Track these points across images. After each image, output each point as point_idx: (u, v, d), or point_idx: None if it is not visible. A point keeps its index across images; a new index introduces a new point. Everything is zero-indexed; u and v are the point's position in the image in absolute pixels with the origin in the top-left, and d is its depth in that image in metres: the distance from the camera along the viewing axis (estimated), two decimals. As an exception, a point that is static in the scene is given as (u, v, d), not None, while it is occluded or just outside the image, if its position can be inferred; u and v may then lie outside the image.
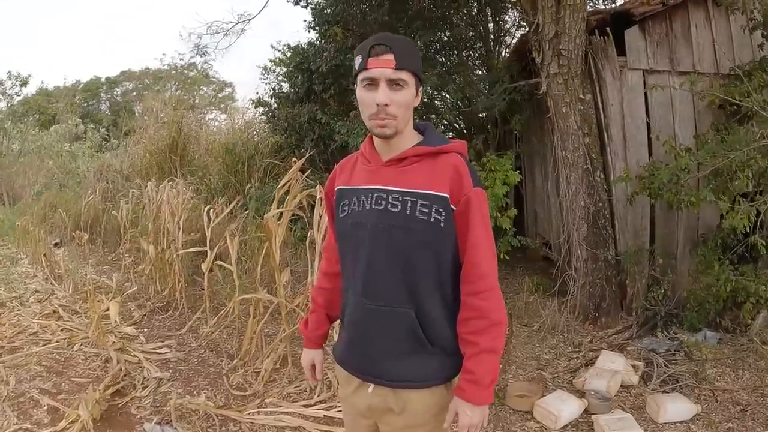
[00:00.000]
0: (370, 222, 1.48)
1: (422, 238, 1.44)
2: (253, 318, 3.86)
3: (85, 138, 15.10)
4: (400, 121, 1.46)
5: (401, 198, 1.46)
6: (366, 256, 1.50)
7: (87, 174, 11.29)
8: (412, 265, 1.46)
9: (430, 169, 1.47)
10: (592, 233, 4.62)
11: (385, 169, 1.51)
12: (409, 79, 1.45)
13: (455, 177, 1.44)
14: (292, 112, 7.72)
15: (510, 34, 8.45)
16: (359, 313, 1.54)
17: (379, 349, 1.52)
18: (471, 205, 1.44)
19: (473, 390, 1.44)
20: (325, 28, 7.55)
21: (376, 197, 1.49)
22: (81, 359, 4.22)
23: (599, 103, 4.65)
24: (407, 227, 1.44)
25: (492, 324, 1.45)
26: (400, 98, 1.43)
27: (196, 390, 3.64)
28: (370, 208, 1.49)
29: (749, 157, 3.65)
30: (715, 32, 4.77)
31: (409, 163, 1.49)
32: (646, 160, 4.64)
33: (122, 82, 28.20)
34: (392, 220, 1.45)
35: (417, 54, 1.50)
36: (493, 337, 1.46)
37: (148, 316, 5.28)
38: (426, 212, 1.43)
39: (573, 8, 4.27)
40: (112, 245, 8.37)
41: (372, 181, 1.52)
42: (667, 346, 4.01)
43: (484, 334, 1.45)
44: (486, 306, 1.45)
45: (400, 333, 1.49)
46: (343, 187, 1.60)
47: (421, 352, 1.49)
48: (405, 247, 1.45)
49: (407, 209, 1.44)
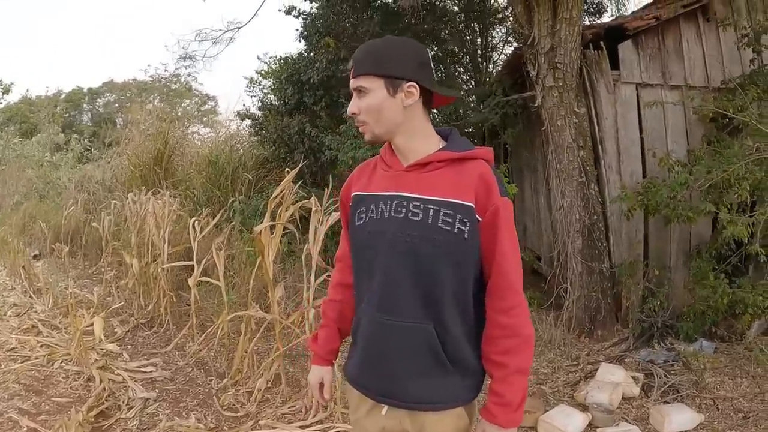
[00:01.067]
0: (390, 231, 1.40)
1: (445, 250, 1.36)
2: (245, 335, 3.74)
3: (66, 149, 14.85)
4: (374, 126, 1.43)
5: (423, 206, 1.38)
6: (384, 268, 1.42)
7: (68, 185, 11.06)
8: (432, 279, 1.38)
9: (454, 176, 1.39)
10: (587, 246, 4.60)
11: (407, 175, 1.44)
12: (369, 84, 1.40)
13: (482, 185, 1.37)
14: (281, 124, 7.63)
15: (497, 49, 8.52)
16: (375, 328, 1.45)
17: (395, 367, 1.43)
18: (499, 215, 1.37)
19: (503, 413, 1.37)
20: (315, 39, 7.51)
21: (396, 204, 1.41)
22: (62, 377, 4.05)
23: (593, 117, 4.66)
24: (429, 237, 1.36)
25: (523, 341, 1.39)
26: (363, 104, 1.42)
27: (185, 411, 3.50)
28: (389, 216, 1.41)
29: (747, 170, 3.68)
30: (706, 47, 4.83)
31: (432, 169, 1.41)
32: (640, 173, 4.67)
33: (104, 93, 28.01)
34: (413, 229, 1.38)
35: (386, 54, 1.42)
36: (523, 358, 1.39)
37: (132, 333, 5.11)
38: (450, 222, 1.35)
39: (569, 22, 4.28)
40: (93, 258, 8.17)
41: (392, 187, 1.44)
42: (665, 357, 4.01)
43: (514, 355, 1.38)
44: (516, 323, 1.38)
45: (418, 350, 1.40)
46: (360, 193, 1.52)
47: (439, 372, 1.40)
48: (426, 259, 1.37)
49: (429, 218, 1.37)
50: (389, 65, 1.40)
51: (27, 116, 21.86)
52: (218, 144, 10.09)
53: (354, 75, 1.42)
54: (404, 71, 1.40)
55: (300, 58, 7.96)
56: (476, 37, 8.04)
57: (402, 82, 1.39)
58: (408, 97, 1.40)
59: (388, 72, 1.39)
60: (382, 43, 1.46)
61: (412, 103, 1.41)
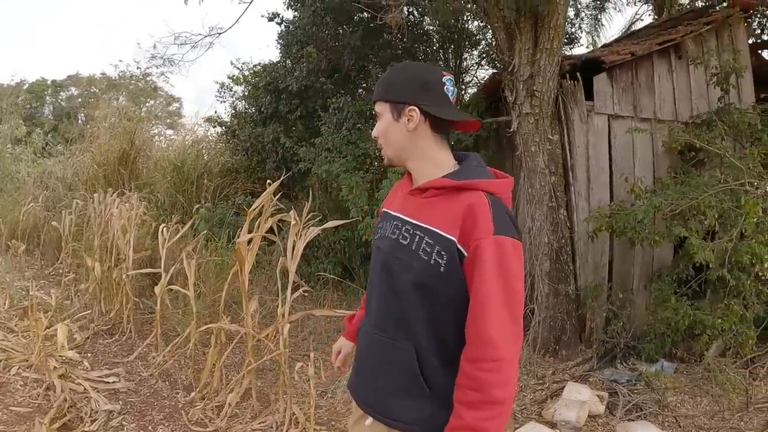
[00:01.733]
0: (384, 250, 1.46)
1: (418, 279, 1.35)
2: (215, 348, 3.68)
3: (26, 141, 14.29)
4: (386, 148, 1.49)
5: (412, 231, 1.40)
6: (378, 285, 1.48)
7: (27, 180, 10.66)
8: (406, 302, 1.39)
9: (447, 206, 1.36)
10: (554, 269, 4.71)
11: (410, 199, 1.47)
12: (381, 109, 1.48)
13: (468, 218, 1.30)
14: (254, 132, 7.56)
15: (469, 72, 8.67)
16: (366, 340, 1.52)
17: (377, 381, 1.46)
18: (481, 254, 1.27)
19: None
20: (295, 48, 7.48)
21: (394, 226, 1.46)
22: (20, 385, 3.88)
23: (566, 144, 4.79)
24: (408, 263, 1.37)
25: (487, 402, 1.24)
26: (376, 128, 1.50)
27: (151, 425, 3.42)
28: (386, 236, 1.47)
29: (716, 199, 3.90)
30: (677, 83, 5.05)
31: (430, 195, 1.41)
32: (608, 200, 4.82)
33: (69, 86, 27.15)
34: (400, 252, 1.40)
35: (392, 80, 1.48)
36: (485, 417, 1.24)
37: (92, 340, 4.94)
38: (428, 251, 1.33)
39: (549, 52, 4.41)
40: (51, 258, 7.89)
41: (398, 209, 1.50)
42: (628, 377, 4.14)
43: (472, 410, 1.25)
44: (484, 379, 1.25)
45: (398, 368, 1.41)
46: (384, 209, 1.59)
47: (419, 394, 1.39)
48: (403, 283, 1.39)
49: (414, 244, 1.38)
50: (392, 90, 1.46)
51: (-14, 104, 20.97)
52: (184, 148, 9.93)
53: (373, 101, 1.51)
54: (404, 95, 1.43)
55: (278, 66, 7.92)
56: (450, 58, 8.15)
57: (403, 106, 1.43)
58: (410, 121, 1.42)
59: (391, 97, 1.45)
60: (394, 69, 1.52)
61: (414, 127, 1.42)
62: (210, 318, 4.53)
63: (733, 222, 3.95)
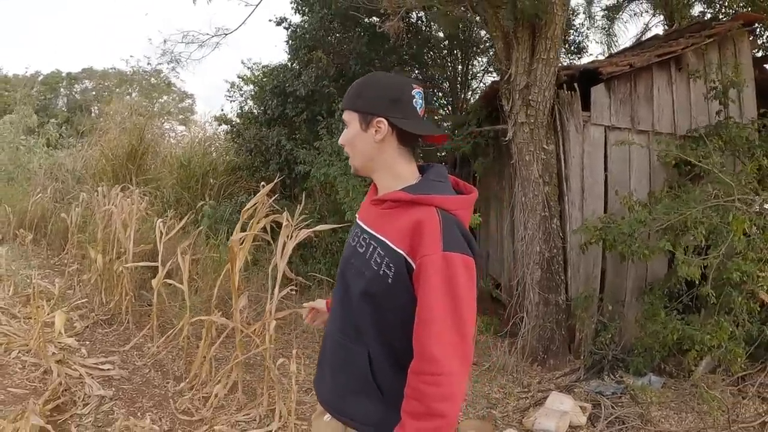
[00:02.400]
0: (345, 257, 1.52)
1: (367, 288, 1.39)
2: (205, 341, 3.77)
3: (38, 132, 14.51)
4: (353, 158, 1.51)
5: (368, 240, 1.44)
6: (338, 288, 1.54)
7: (38, 171, 10.83)
8: (357, 309, 1.44)
9: (400, 219, 1.38)
10: (545, 278, 4.75)
11: (371, 208, 1.52)
12: (348, 118, 1.49)
13: (416, 234, 1.32)
14: (259, 134, 7.67)
15: (476, 78, 8.72)
16: (329, 343, 1.57)
17: (337, 381, 1.52)
18: (426, 270, 1.29)
19: None
20: (303, 52, 7.58)
21: (355, 234, 1.52)
22: (18, 368, 4.00)
23: (561, 154, 4.83)
24: (360, 271, 1.42)
25: (428, 414, 1.27)
26: (343, 137, 1.52)
27: (140, 411, 3.51)
28: (349, 244, 1.53)
29: (704, 215, 3.90)
30: (676, 96, 5.05)
31: (387, 207, 1.44)
32: (602, 211, 4.84)
33: (83, 79, 27.46)
34: (355, 259, 1.45)
35: (361, 90, 1.48)
36: (425, 428, 1.27)
37: (91, 329, 5.06)
38: (378, 262, 1.37)
39: (546, 62, 4.47)
40: (57, 248, 8.03)
41: (362, 217, 1.55)
42: (614, 389, 4.15)
43: (415, 420, 1.28)
44: (427, 392, 1.27)
45: (354, 371, 1.46)
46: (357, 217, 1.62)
47: (372, 395, 1.44)
48: (354, 291, 1.44)
49: (367, 253, 1.41)
50: (361, 101, 1.47)
51: (0, 94, 21.30)
52: (192, 146, 10.07)
53: (341, 108, 1.54)
54: (374, 107, 1.44)
55: (285, 69, 8.02)
56: (458, 64, 8.22)
57: (372, 117, 1.44)
58: (377, 133, 1.44)
59: (360, 107, 1.47)
60: (365, 79, 1.53)
61: (381, 138, 1.44)
62: (205, 312, 4.61)
63: (724, 238, 3.93)
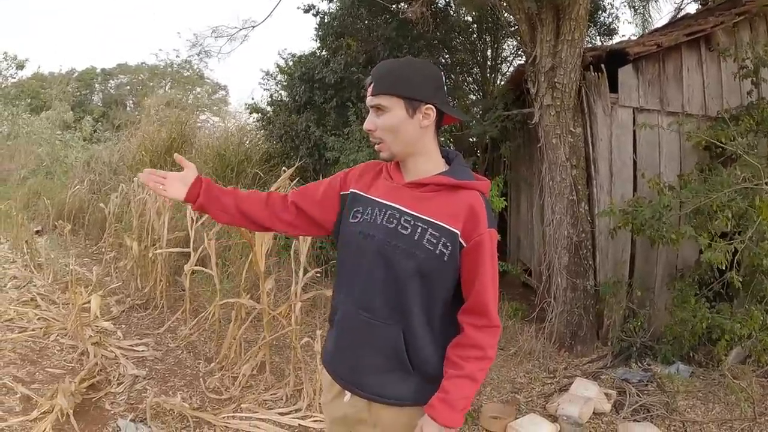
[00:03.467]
0: (378, 236, 1.50)
1: (422, 266, 1.45)
2: (234, 323, 3.87)
3: (75, 127, 14.99)
4: (392, 144, 1.50)
5: (413, 222, 1.47)
6: (367, 269, 1.52)
7: (75, 164, 11.20)
8: (405, 289, 1.48)
9: (447, 202, 1.48)
10: (573, 263, 4.70)
11: (405, 190, 1.53)
12: (389, 103, 1.46)
13: (471, 216, 1.46)
14: (289, 120, 7.75)
15: (507, 61, 8.62)
16: (352, 322, 1.56)
17: (362, 360, 1.54)
18: (483, 246, 1.46)
19: (443, 409, 1.45)
20: (331, 39, 7.62)
21: (389, 215, 1.51)
22: (56, 350, 4.20)
23: (589, 137, 4.76)
24: (411, 252, 1.45)
25: (485, 357, 1.48)
26: (381, 122, 1.49)
27: (171, 390, 3.64)
28: (380, 223, 1.51)
29: (730, 198, 3.77)
30: (706, 76, 4.90)
31: (428, 191, 1.51)
32: (630, 195, 4.74)
33: (117, 74, 28.11)
34: (399, 241, 1.47)
35: (407, 76, 1.48)
36: (480, 368, 1.48)
37: (127, 313, 5.25)
38: (434, 242, 1.45)
39: (571, 43, 4.40)
40: (94, 238, 8.31)
41: (389, 198, 1.54)
42: (640, 377, 4.09)
43: (473, 362, 1.47)
44: (485, 341, 1.48)
45: (384, 348, 1.51)
46: (359, 192, 1.60)
47: (401, 372, 1.51)
48: (403, 270, 1.47)
49: (416, 235, 1.46)
50: (410, 87, 1.47)
51: (38, 92, 22.02)
52: (227, 136, 10.26)
53: (373, 93, 1.48)
54: (424, 94, 1.47)
55: (313, 57, 8.07)
56: (487, 48, 8.14)
57: (421, 104, 1.46)
58: (425, 119, 1.48)
59: (409, 93, 1.46)
60: (402, 64, 1.53)
61: (428, 125, 1.49)
62: (235, 296, 4.73)
63: (752, 223, 3.79)
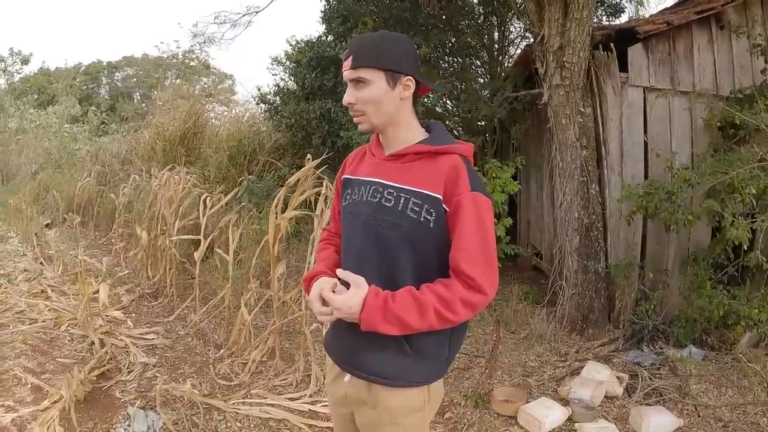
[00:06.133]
0: (364, 213, 1.52)
1: (408, 235, 1.46)
2: (245, 309, 3.86)
3: (83, 121, 15.04)
4: (373, 116, 1.50)
5: (396, 194, 1.48)
6: (357, 247, 1.54)
7: (84, 157, 11.24)
8: (395, 262, 1.47)
9: (428, 168, 1.49)
10: (584, 245, 4.64)
11: (386, 164, 1.55)
12: (370, 76, 1.47)
13: (451, 178, 1.45)
14: (298, 109, 7.68)
15: (514, 44, 8.48)
16: None
17: (359, 339, 1.51)
18: (462, 207, 1.43)
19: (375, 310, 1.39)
20: (337, 24, 7.52)
21: (373, 190, 1.52)
22: (67, 340, 4.22)
23: (599, 117, 4.68)
24: (396, 223, 1.46)
25: (450, 309, 1.39)
26: (362, 95, 1.49)
27: (181, 377, 3.65)
28: (365, 200, 1.53)
29: (752, 174, 3.70)
30: (717, 55, 4.80)
31: (408, 160, 1.52)
32: (642, 176, 4.68)
33: (123, 67, 28.18)
34: (384, 214, 1.48)
35: (387, 48, 1.50)
36: (438, 312, 1.39)
37: (137, 302, 5.28)
38: (417, 210, 1.45)
39: (579, 22, 4.31)
40: (104, 229, 8.36)
41: (373, 174, 1.56)
42: (652, 360, 4.05)
43: (434, 298, 1.39)
44: (459, 290, 1.40)
45: None
46: (349, 176, 1.65)
47: (398, 351, 1.49)
48: (391, 242, 1.47)
49: (399, 205, 1.47)
50: (391, 60, 1.49)
51: (45, 87, 22.10)
52: (240, 124, 10.27)
53: (353, 66, 1.48)
54: (404, 66, 1.49)
55: (320, 42, 7.98)
56: (494, 30, 8.02)
57: (401, 75, 1.49)
58: (405, 90, 1.50)
59: (389, 66, 1.48)
60: (382, 37, 1.54)
61: (408, 96, 1.51)
62: (247, 282, 4.73)
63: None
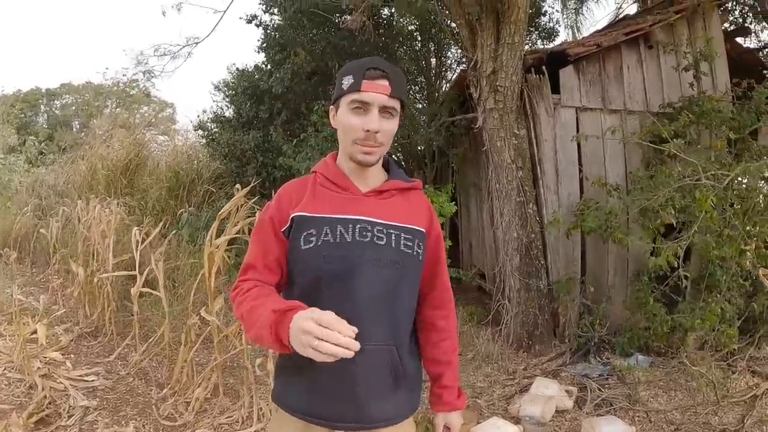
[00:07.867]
0: (355, 255, 1.38)
1: (405, 272, 1.45)
2: (185, 346, 3.76)
3: (20, 150, 14.42)
4: (384, 150, 1.46)
5: (386, 231, 1.42)
6: (353, 292, 1.37)
7: (20, 189, 10.76)
8: (395, 299, 1.42)
9: (406, 203, 1.52)
10: (524, 263, 4.75)
11: (366, 200, 1.46)
12: (398, 108, 1.44)
13: (429, 214, 1.56)
14: (233, 138, 7.61)
15: (451, 69, 8.69)
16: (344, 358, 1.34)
17: (362, 391, 1.39)
18: (441, 240, 1.60)
19: (458, 399, 1.63)
20: (274, 52, 7.53)
21: (360, 229, 1.41)
22: (4, 384, 3.99)
23: (533, 139, 4.84)
24: (393, 260, 1.41)
25: (456, 340, 1.65)
26: (388, 126, 1.42)
27: (124, 420, 3.50)
28: (353, 240, 1.39)
29: (669, 196, 3.88)
30: (647, 73, 5.07)
31: (388, 196, 1.50)
32: (578, 194, 4.85)
33: (62, 94, 27.28)
34: (379, 253, 1.40)
35: (405, 83, 1.50)
36: (456, 353, 1.65)
37: (76, 342, 5.04)
38: (410, 245, 1.46)
39: (511, 47, 4.46)
40: (41, 265, 7.99)
41: (352, 211, 1.43)
42: (600, 371, 4.15)
43: (454, 352, 1.63)
44: (452, 326, 1.63)
45: (383, 371, 1.42)
46: (304, 214, 1.44)
47: (396, 389, 1.45)
48: (394, 282, 1.41)
49: (392, 242, 1.42)
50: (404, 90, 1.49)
51: (-21, 114, 21.12)
52: (178, 155, 10.04)
53: (392, 94, 1.40)
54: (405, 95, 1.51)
55: (257, 70, 7.96)
56: (431, 56, 8.20)
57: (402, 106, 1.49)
58: None
59: (405, 97, 1.49)
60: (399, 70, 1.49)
61: None
62: (186, 317, 4.61)
63: (695, 218, 3.86)
